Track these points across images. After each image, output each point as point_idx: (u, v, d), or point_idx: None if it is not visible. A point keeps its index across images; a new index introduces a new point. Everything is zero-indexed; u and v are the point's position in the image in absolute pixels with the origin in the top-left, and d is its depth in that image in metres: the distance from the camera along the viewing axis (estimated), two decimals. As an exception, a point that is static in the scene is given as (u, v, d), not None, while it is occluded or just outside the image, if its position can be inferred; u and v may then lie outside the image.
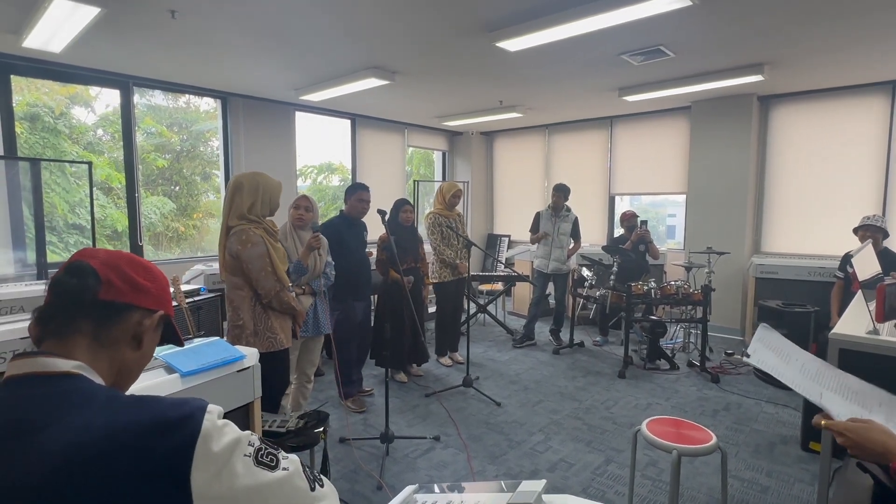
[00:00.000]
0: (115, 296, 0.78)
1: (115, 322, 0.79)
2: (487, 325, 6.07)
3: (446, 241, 4.35)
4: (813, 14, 3.12)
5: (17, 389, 0.69)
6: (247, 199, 2.41)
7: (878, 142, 4.86)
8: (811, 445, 2.98)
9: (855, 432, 0.92)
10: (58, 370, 0.71)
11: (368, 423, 3.41)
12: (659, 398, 3.83)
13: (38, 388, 0.69)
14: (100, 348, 0.77)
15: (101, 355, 0.77)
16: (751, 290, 5.09)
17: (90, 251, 0.83)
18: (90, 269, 0.77)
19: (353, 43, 3.66)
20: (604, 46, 3.72)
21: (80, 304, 0.76)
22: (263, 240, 2.41)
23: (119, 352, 0.80)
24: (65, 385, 0.70)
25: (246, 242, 2.35)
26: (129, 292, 0.80)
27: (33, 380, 0.70)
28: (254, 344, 2.36)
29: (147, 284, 0.83)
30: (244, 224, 2.40)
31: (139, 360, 0.84)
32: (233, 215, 2.42)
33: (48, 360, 0.71)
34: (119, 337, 0.79)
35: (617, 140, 6.56)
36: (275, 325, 2.47)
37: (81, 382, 0.71)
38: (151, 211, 6.20)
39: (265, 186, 2.45)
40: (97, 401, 0.68)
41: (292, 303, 2.53)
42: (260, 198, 2.43)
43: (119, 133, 4.74)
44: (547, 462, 2.90)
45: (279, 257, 2.48)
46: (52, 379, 0.70)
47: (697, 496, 2.57)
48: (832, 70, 4.39)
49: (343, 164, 7.06)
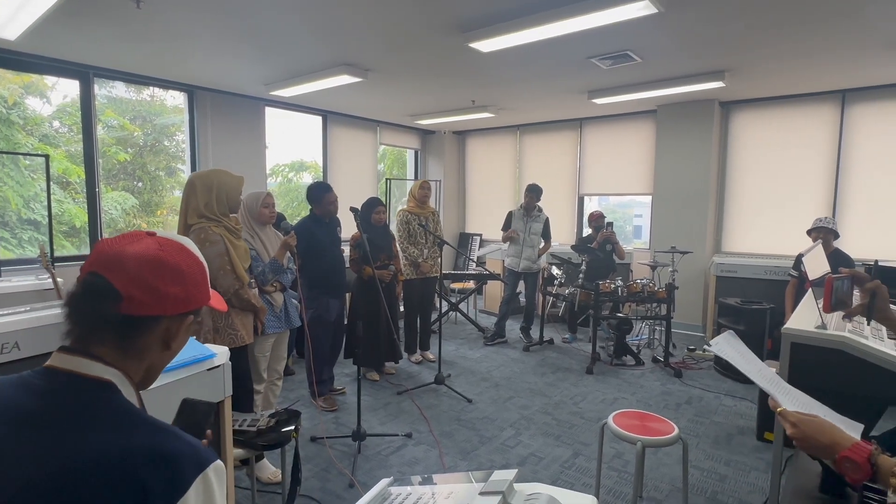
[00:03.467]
0: (138, 310, 0.73)
1: (139, 335, 0.76)
2: (459, 323, 6.12)
3: (412, 240, 4.36)
4: (770, 24, 3.27)
5: (53, 382, 0.71)
6: (201, 198, 2.39)
7: (829, 147, 5.12)
8: (766, 436, 3.13)
9: (805, 424, 0.97)
10: (93, 375, 0.71)
11: (340, 421, 3.40)
12: (625, 393, 3.95)
13: (71, 389, 0.70)
14: (125, 357, 0.76)
15: (129, 363, 0.76)
16: (711, 288, 5.29)
17: (113, 252, 0.74)
18: (107, 287, 0.72)
19: (325, 38, 3.63)
20: (574, 50, 3.80)
21: (97, 322, 0.73)
22: (223, 238, 2.40)
23: (146, 358, 0.79)
24: (96, 394, 0.71)
25: (204, 241, 2.34)
26: (154, 304, 0.75)
27: (70, 378, 0.71)
28: (214, 341, 2.34)
29: (174, 291, 0.76)
30: (203, 222, 2.38)
31: (168, 357, 0.83)
32: (191, 214, 2.40)
33: (88, 363, 0.72)
34: (146, 346, 0.77)
35: (586, 141, 6.70)
36: (236, 321, 2.46)
37: (111, 392, 0.72)
38: (112, 207, 5.98)
39: (220, 184, 2.43)
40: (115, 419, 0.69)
41: (252, 300, 2.54)
42: (215, 196, 2.41)
43: (78, 125, 4.56)
44: (517, 456, 2.96)
45: (240, 255, 2.48)
46: (87, 382, 0.71)
47: (660, 485, 2.66)
48: (787, 78, 4.60)
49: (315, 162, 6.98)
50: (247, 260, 2.55)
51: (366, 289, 3.90)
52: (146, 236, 0.79)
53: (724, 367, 4.35)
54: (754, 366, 1.23)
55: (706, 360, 4.72)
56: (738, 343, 1.30)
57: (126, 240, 0.77)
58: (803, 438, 0.97)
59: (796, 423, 0.98)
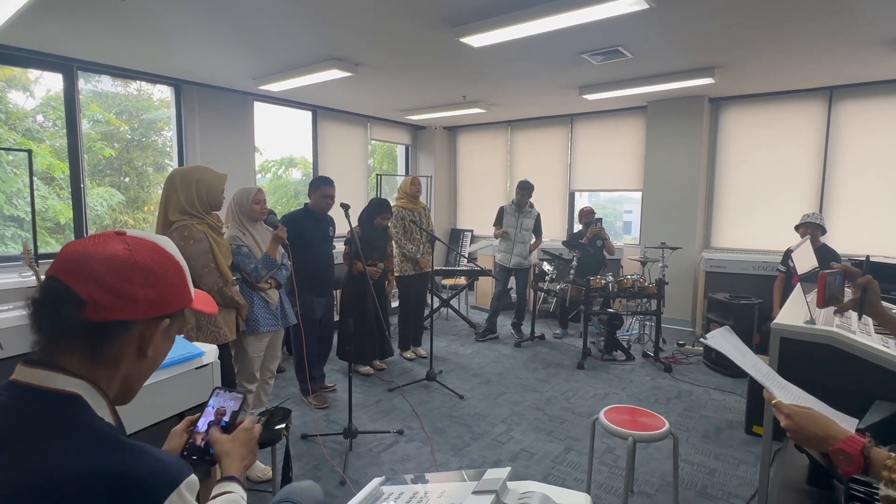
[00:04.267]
0: (104, 316, 0.68)
1: (109, 342, 0.71)
2: (451, 319, 6.11)
3: (408, 236, 4.35)
4: (760, 21, 3.28)
5: (15, 398, 0.67)
6: (182, 195, 2.37)
7: (817, 144, 5.18)
8: (754, 429, 3.17)
9: (799, 416, 0.98)
10: (57, 388, 0.67)
11: (331, 418, 3.38)
12: (616, 388, 3.97)
13: (34, 405, 0.66)
14: (97, 367, 0.71)
15: (100, 373, 0.71)
16: (701, 283, 5.34)
17: (78, 255, 0.70)
18: (66, 291, 0.67)
19: (315, 33, 3.59)
20: (565, 45, 3.80)
21: (61, 330, 0.68)
22: (207, 236, 2.38)
23: (121, 366, 0.74)
24: (61, 408, 0.67)
25: (188, 239, 2.32)
26: (122, 307, 0.69)
27: (34, 392, 0.67)
28: (197, 338, 2.32)
29: (145, 293, 0.71)
30: (186, 219, 2.36)
31: (147, 367, 0.78)
32: (172, 210, 2.38)
33: (52, 376, 0.68)
34: (118, 353, 0.72)
35: (577, 137, 6.71)
36: (218, 319, 2.45)
37: (77, 408, 0.68)
38: (98, 203, 5.89)
39: (200, 182, 2.40)
40: (75, 437, 0.65)
41: (236, 297, 2.54)
42: (195, 193, 2.39)
43: (62, 120, 4.47)
44: (509, 452, 2.96)
45: (223, 252, 2.47)
46: (51, 397, 0.67)
47: (651, 480, 2.68)
48: (776, 75, 4.64)
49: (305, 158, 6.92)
50: (229, 258, 2.54)
51: (355, 284, 3.88)
52: (114, 237, 0.74)
53: (713, 361, 4.39)
54: (750, 360, 1.24)
55: (695, 354, 4.76)
56: (733, 338, 1.31)
57: (92, 241, 0.73)
58: (797, 430, 0.98)
59: (791, 414, 0.99)
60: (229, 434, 0.95)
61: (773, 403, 1.05)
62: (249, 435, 0.95)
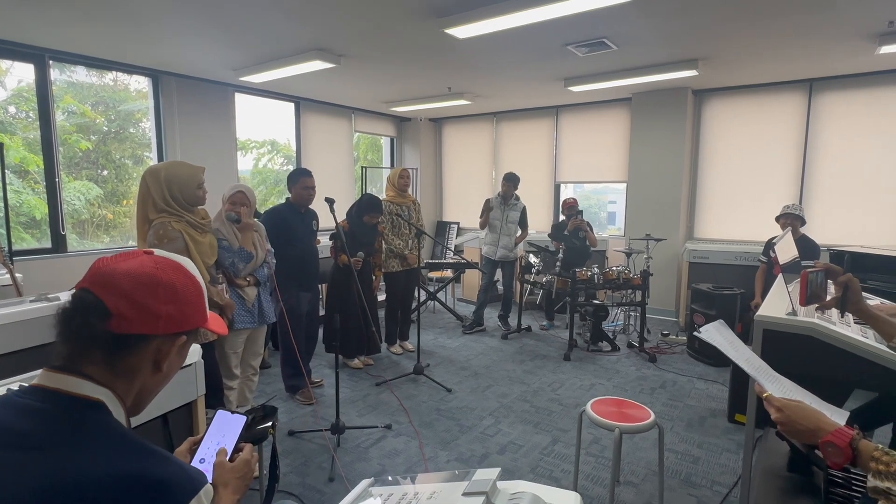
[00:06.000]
0: (127, 328, 0.72)
1: (129, 353, 0.74)
2: (438, 312, 6.11)
3: (396, 230, 4.31)
4: (743, 14, 3.30)
5: (41, 402, 0.69)
6: (155, 192, 2.33)
7: (797, 135, 5.25)
8: (737, 417, 3.23)
9: (790, 409, 1.00)
10: (82, 394, 0.70)
11: (319, 414, 3.36)
12: (601, 378, 4.01)
13: (60, 409, 0.69)
14: (115, 377, 0.74)
15: (118, 383, 0.74)
16: (684, 274, 5.41)
17: (108, 270, 0.74)
18: (95, 302, 0.71)
19: (297, 22, 3.52)
20: (550, 37, 3.78)
21: (86, 340, 0.71)
22: (182, 234, 2.34)
23: (137, 378, 0.77)
24: (84, 414, 0.69)
25: (163, 238, 2.28)
26: (144, 323, 0.74)
27: (59, 397, 0.69)
28: None
29: (167, 309, 0.76)
30: (164, 217, 2.32)
31: (160, 381, 0.81)
32: (150, 209, 2.34)
33: (80, 382, 0.70)
34: (136, 366, 0.76)
35: (562, 129, 6.72)
36: None
37: (101, 415, 0.71)
38: (75, 197, 5.73)
39: (170, 178, 2.35)
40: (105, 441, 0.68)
41: (216, 297, 2.49)
42: (166, 191, 2.34)
43: (35, 111, 4.33)
44: (497, 445, 2.98)
45: (203, 251, 2.41)
46: (79, 402, 0.70)
47: (637, 469, 2.72)
48: (758, 67, 4.68)
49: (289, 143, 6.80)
50: (212, 256, 2.49)
51: (341, 277, 3.85)
52: (142, 254, 0.79)
53: (696, 351, 4.47)
54: (742, 353, 1.25)
55: (679, 344, 4.83)
56: (726, 331, 1.32)
57: (122, 258, 0.77)
58: (788, 423, 1.00)
59: (781, 407, 1.01)
60: (231, 460, 0.95)
61: (764, 397, 1.06)
62: (248, 468, 0.97)
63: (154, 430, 1.60)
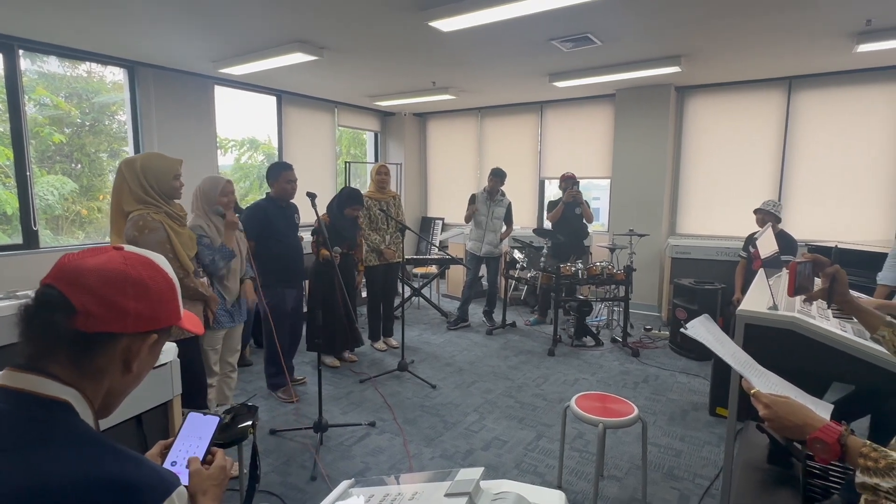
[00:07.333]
0: (93, 326, 0.69)
1: (96, 353, 0.70)
2: (422, 308, 6.09)
3: (373, 225, 4.28)
4: (726, 10, 3.32)
5: (2, 402, 0.65)
6: (131, 184, 2.27)
7: (777, 132, 5.33)
8: (718, 410, 3.27)
9: (777, 406, 1.00)
10: (47, 394, 0.67)
11: (301, 412, 3.32)
12: (585, 373, 4.03)
13: (24, 409, 0.65)
14: (82, 377, 0.70)
15: (86, 383, 0.71)
16: (667, 269, 5.46)
17: (74, 265, 0.71)
18: (60, 299, 0.68)
19: (277, 13, 3.44)
20: (535, 31, 3.76)
21: (50, 338, 0.68)
22: (163, 225, 2.28)
23: (105, 379, 0.73)
24: (50, 414, 0.66)
25: (143, 229, 2.22)
26: (112, 320, 0.70)
27: (23, 397, 0.66)
28: None
29: (136, 307, 0.72)
30: (142, 209, 2.26)
31: (131, 382, 0.78)
32: (127, 201, 2.27)
33: (45, 382, 0.67)
34: (104, 365, 0.72)
35: (547, 125, 6.72)
36: None
37: (70, 415, 0.67)
38: (48, 192, 5.56)
39: (146, 169, 2.29)
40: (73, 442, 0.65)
41: (200, 289, 2.45)
42: (143, 181, 2.28)
43: (4, 103, 4.18)
44: (481, 441, 2.97)
45: (184, 242, 2.36)
46: (44, 403, 0.66)
47: (620, 464, 2.74)
48: (739, 64, 4.73)
49: (270, 139, 6.69)
50: (192, 248, 2.43)
51: (322, 273, 3.79)
52: (111, 250, 0.76)
53: (678, 345, 4.51)
54: (728, 348, 1.25)
55: (662, 339, 4.88)
56: (713, 326, 1.32)
57: (89, 253, 0.74)
58: (775, 419, 1.00)
59: (769, 404, 1.01)
60: (204, 465, 0.92)
61: (751, 393, 1.06)
62: (224, 474, 0.93)
63: (128, 432, 1.55)
